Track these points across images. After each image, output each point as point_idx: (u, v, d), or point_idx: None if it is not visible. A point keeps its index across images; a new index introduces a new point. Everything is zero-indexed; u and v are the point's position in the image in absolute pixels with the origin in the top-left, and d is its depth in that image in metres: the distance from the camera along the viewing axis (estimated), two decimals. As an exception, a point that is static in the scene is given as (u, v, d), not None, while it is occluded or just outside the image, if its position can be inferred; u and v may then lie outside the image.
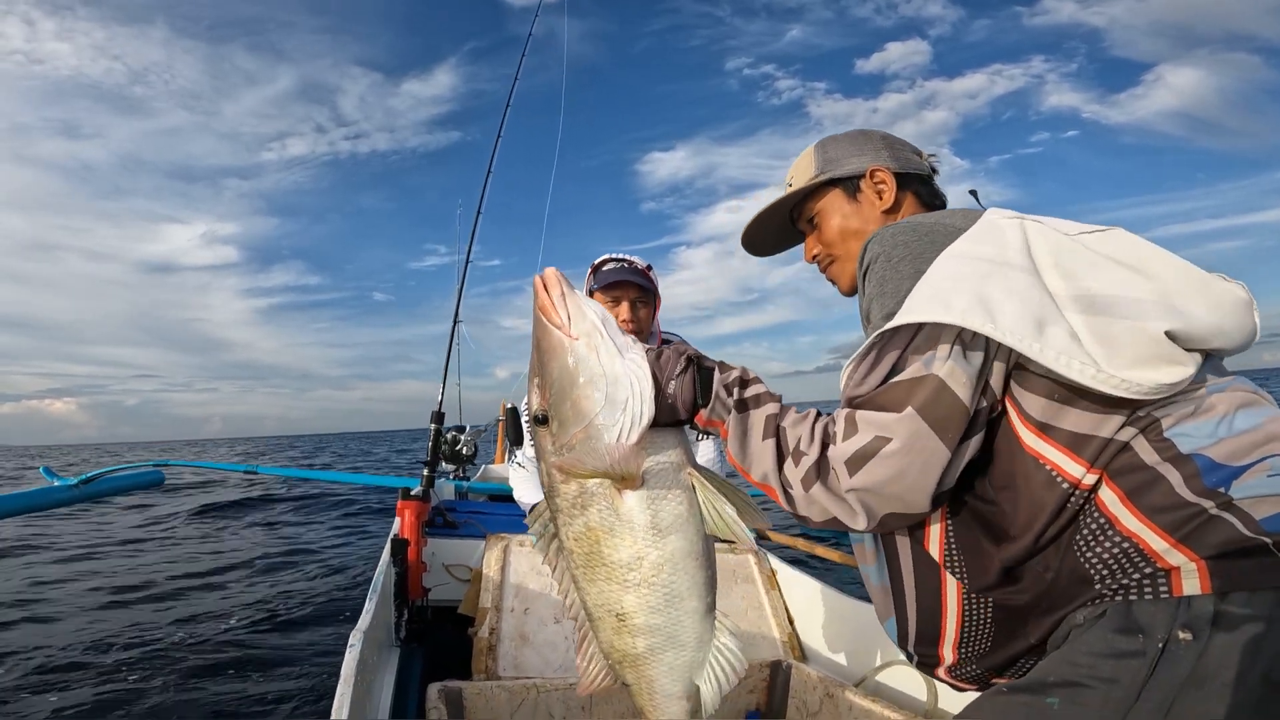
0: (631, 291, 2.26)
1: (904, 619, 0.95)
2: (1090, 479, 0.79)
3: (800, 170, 1.19)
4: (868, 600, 1.99)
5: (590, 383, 0.82)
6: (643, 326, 2.29)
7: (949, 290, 0.79)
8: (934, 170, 1.18)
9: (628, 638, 0.88)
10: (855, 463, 0.80)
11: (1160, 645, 0.71)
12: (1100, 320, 0.77)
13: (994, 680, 0.91)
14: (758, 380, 0.91)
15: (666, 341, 2.52)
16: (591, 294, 2.30)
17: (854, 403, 0.84)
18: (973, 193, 1.10)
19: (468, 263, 3.42)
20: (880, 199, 1.12)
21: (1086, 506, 0.80)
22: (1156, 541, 0.74)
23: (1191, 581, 0.72)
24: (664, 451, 0.86)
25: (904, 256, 0.88)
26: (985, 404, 0.82)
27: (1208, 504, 0.72)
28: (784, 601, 2.21)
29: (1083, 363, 0.74)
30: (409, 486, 2.49)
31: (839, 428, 0.83)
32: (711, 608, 0.90)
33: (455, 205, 3.31)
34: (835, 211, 1.15)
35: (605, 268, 2.30)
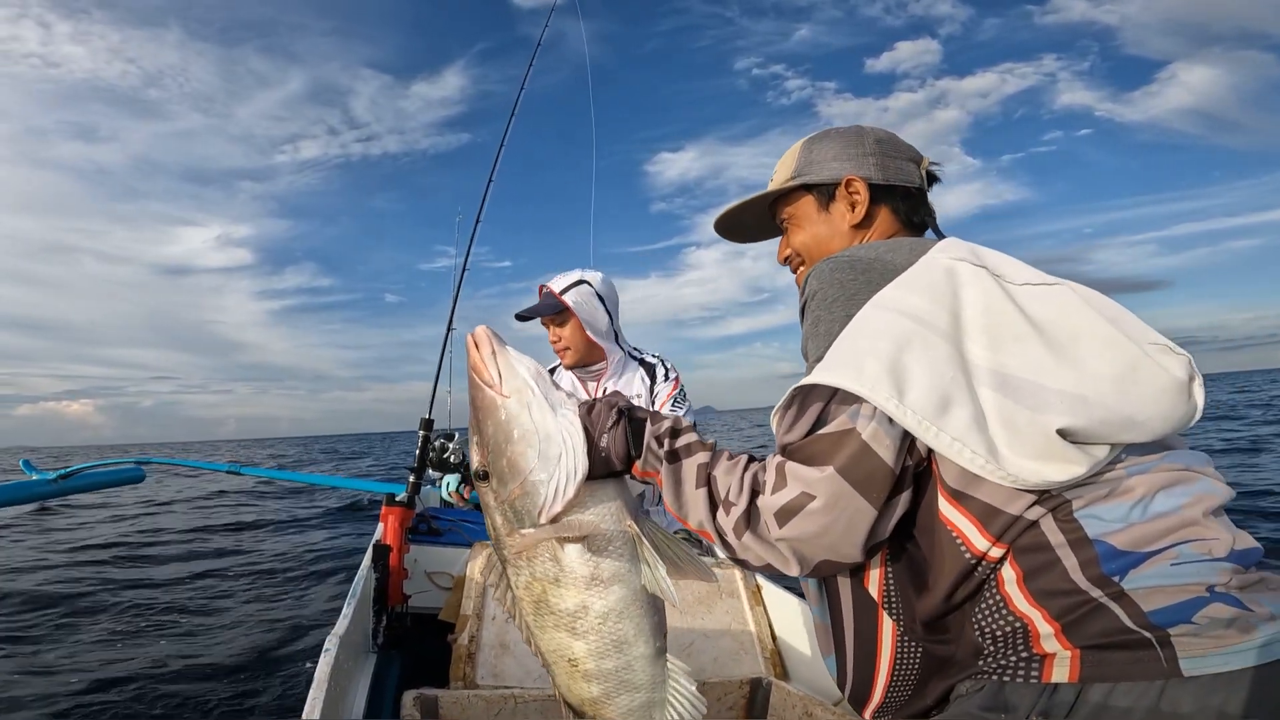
0: (546, 318, 2.44)
1: (843, 656, 0.95)
2: (996, 553, 0.78)
3: (783, 167, 1.14)
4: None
5: (523, 439, 0.83)
6: (576, 343, 2.42)
7: (865, 353, 0.78)
8: (934, 178, 1.12)
9: (581, 683, 0.90)
10: (782, 516, 0.79)
11: None
12: (1009, 404, 0.75)
13: None
14: (690, 429, 0.91)
15: (640, 359, 2.57)
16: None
17: (785, 451, 0.84)
18: (930, 219, 1.08)
19: (464, 270, 3.42)
20: (851, 211, 1.07)
21: (989, 580, 0.79)
22: (1042, 625, 0.74)
23: (1062, 669, 0.72)
24: (603, 503, 0.87)
25: (836, 297, 0.86)
26: (911, 462, 0.80)
27: (1097, 593, 0.72)
28: (768, 618, 2.19)
29: (974, 452, 0.73)
30: (394, 492, 2.47)
31: (769, 477, 0.82)
32: (662, 651, 0.91)
33: (462, 208, 3.29)
34: (806, 218, 1.12)
35: (524, 310, 2.47)
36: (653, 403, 2.47)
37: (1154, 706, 0.68)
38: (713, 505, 0.85)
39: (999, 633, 0.78)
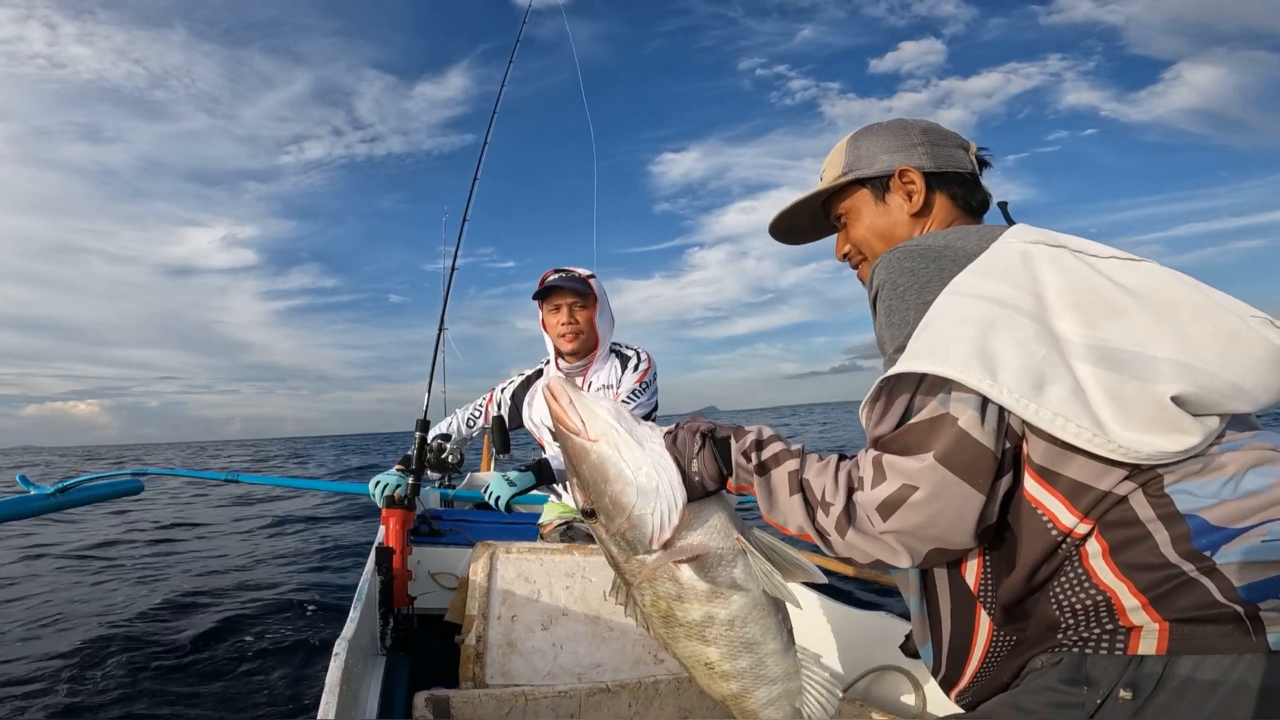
0: (568, 296, 2.47)
1: (939, 646, 0.95)
2: (1083, 529, 0.77)
3: (831, 165, 1.14)
4: (860, 606, 2.01)
5: (620, 478, 0.89)
6: (582, 328, 2.47)
7: (949, 338, 0.77)
8: (984, 163, 1.11)
9: (720, 682, 0.97)
10: (885, 509, 0.79)
11: (1100, 700, 0.73)
12: (1114, 377, 0.74)
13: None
14: (775, 438, 0.92)
15: (619, 351, 2.58)
16: (540, 305, 2.54)
17: (878, 444, 0.84)
18: (1002, 205, 1.05)
19: (454, 269, 3.39)
20: (909, 201, 1.07)
21: (1072, 555, 0.79)
22: (1128, 599, 0.74)
23: (1149, 641, 0.72)
24: (707, 523, 0.93)
25: (909, 286, 0.86)
26: (1010, 444, 0.80)
27: (1189, 567, 0.72)
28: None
29: (1079, 425, 0.72)
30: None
31: (866, 472, 0.82)
32: (790, 644, 0.98)
33: (463, 209, 3.23)
34: (863, 212, 1.11)
35: (548, 279, 2.53)
36: (618, 391, 2.53)
37: (1241, 680, 0.68)
38: (810, 509, 0.86)
39: (1079, 606, 0.77)
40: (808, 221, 1.22)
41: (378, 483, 2.47)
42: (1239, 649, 0.69)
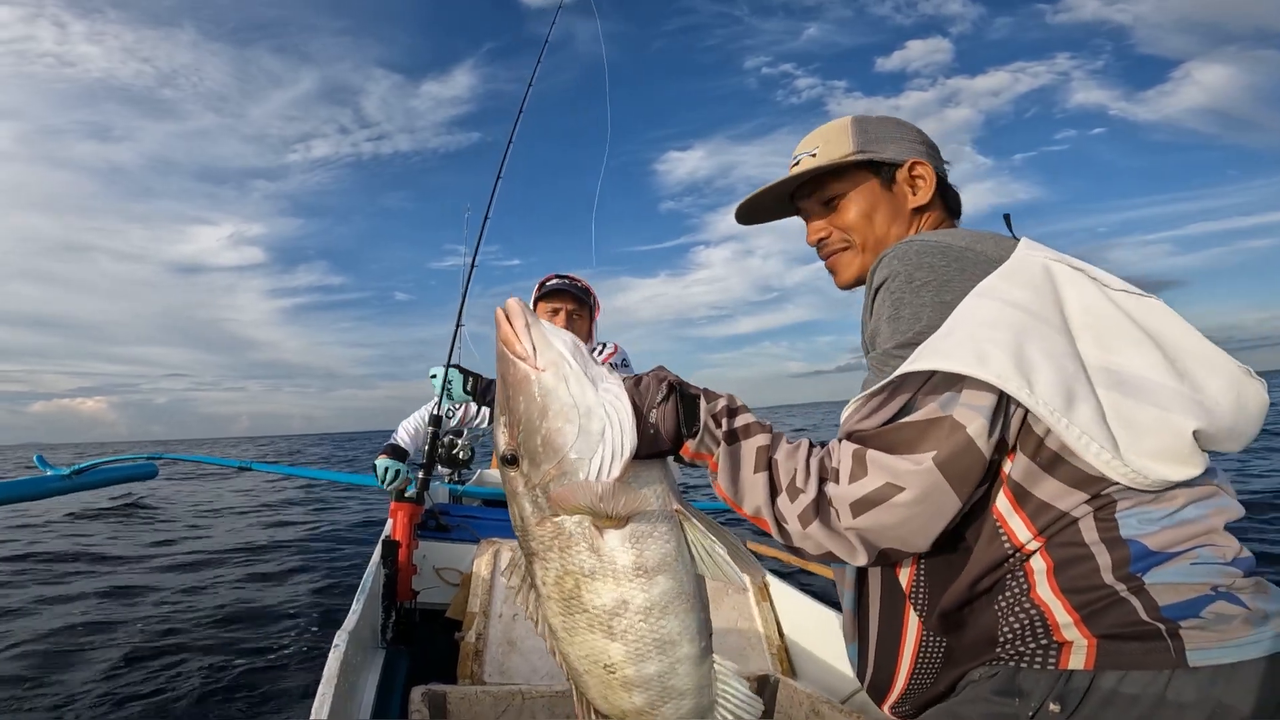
0: (569, 302, 2.53)
1: (865, 645, 0.94)
2: (1033, 546, 0.79)
3: (831, 142, 1.07)
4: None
5: (560, 414, 0.76)
6: (577, 332, 2.49)
7: (985, 341, 0.74)
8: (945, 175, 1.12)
9: (620, 692, 0.81)
10: (861, 506, 0.76)
11: (1031, 713, 0.75)
12: (1127, 402, 0.75)
13: None
14: (745, 409, 0.86)
15: (593, 347, 2.61)
16: (535, 305, 2.57)
17: (859, 438, 0.80)
18: (1006, 218, 1.01)
19: (473, 266, 3.39)
20: (914, 194, 1.05)
21: (1016, 571, 0.80)
22: (1062, 615, 0.76)
23: (1079, 657, 0.75)
24: (647, 485, 0.80)
25: (927, 281, 0.83)
26: (998, 457, 0.79)
27: (1120, 587, 0.75)
28: (775, 614, 2.19)
29: (1100, 446, 0.73)
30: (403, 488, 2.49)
31: (844, 466, 0.78)
32: (708, 651, 0.84)
33: (470, 203, 3.26)
34: (864, 196, 1.05)
35: (549, 282, 2.59)
36: None
37: (1160, 695, 0.71)
38: (773, 491, 0.81)
39: (1016, 621, 0.79)
40: (772, 200, 1.15)
41: (387, 469, 2.53)
42: (1159, 665, 0.72)
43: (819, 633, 2.06)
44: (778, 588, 2.27)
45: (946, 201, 1.09)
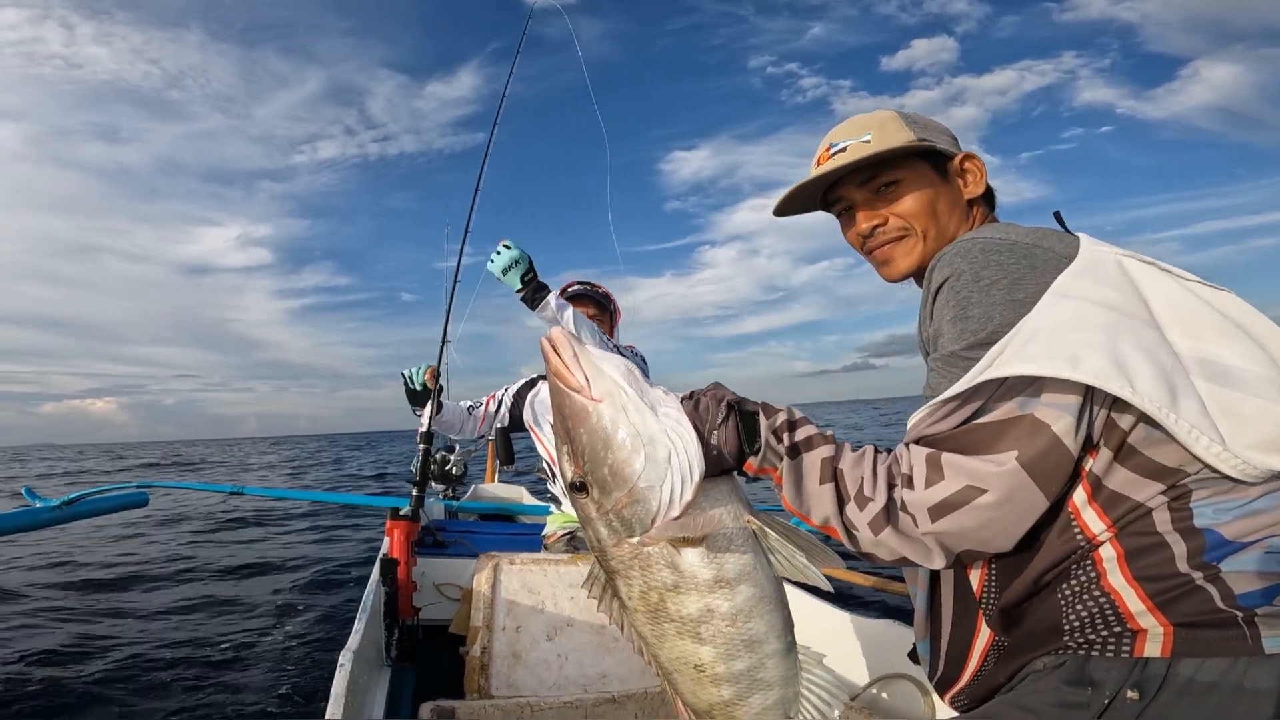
0: (589, 307, 2.59)
1: (937, 645, 0.94)
2: (1105, 536, 0.78)
3: (886, 129, 1.03)
4: (866, 614, 1.99)
5: (625, 444, 0.77)
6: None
7: (1076, 343, 0.73)
8: None
9: (710, 687, 0.85)
10: (940, 510, 0.75)
11: (1106, 701, 0.74)
12: (1225, 392, 0.74)
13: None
14: (806, 421, 0.86)
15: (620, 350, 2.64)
16: None
17: (932, 442, 0.79)
18: (1057, 214, 0.98)
19: (455, 282, 3.36)
20: (966, 186, 1.03)
21: (1085, 561, 0.79)
22: (1135, 603, 0.75)
23: (1155, 645, 0.74)
24: (719, 503, 0.82)
25: (997, 279, 0.80)
26: (1081, 454, 0.78)
27: (1197, 575, 0.74)
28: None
29: (1210, 439, 0.72)
30: (398, 506, 2.47)
31: (918, 471, 0.77)
32: (792, 645, 0.87)
33: (470, 208, 3.17)
34: (925, 184, 1.02)
35: (570, 288, 2.65)
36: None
37: (1238, 682, 0.71)
38: (840, 500, 0.80)
39: (1084, 609, 0.78)
40: (809, 192, 1.11)
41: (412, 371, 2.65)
42: (1235, 652, 0.72)
43: (826, 630, 2.07)
44: (786, 586, 2.27)
45: (990, 202, 1.07)
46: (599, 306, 2.64)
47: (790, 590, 2.24)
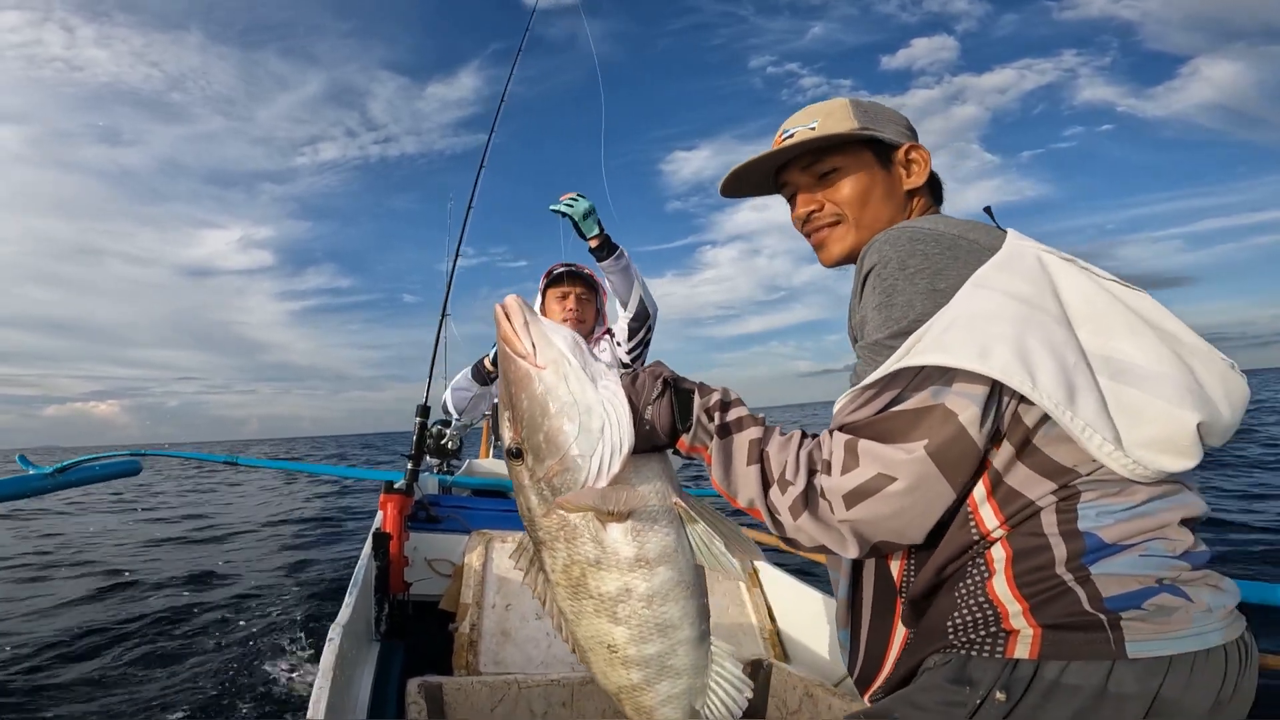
0: (577, 285, 2.58)
1: (857, 635, 0.95)
2: (998, 534, 0.79)
3: (832, 116, 1.06)
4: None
5: (562, 412, 0.78)
6: (586, 317, 2.60)
7: (988, 335, 0.74)
8: None
9: (620, 669, 0.85)
10: (853, 497, 0.76)
11: (979, 700, 0.76)
12: (1127, 390, 0.76)
13: None
14: (739, 402, 0.87)
15: (609, 328, 2.64)
16: (545, 293, 2.61)
17: (850, 429, 0.80)
18: (987, 210, 1.02)
19: (456, 257, 3.38)
20: (909, 176, 1.05)
21: (978, 559, 0.81)
22: (1012, 604, 0.77)
23: (1024, 646, 0.76)
24: (648, 480, 0.83)
25: (920, 269, 0.82)
26: (988, 446, 0.80)
27: (1069, 578, 0.75)
28: (766, 600, 2.21)
29: (1103, 438, 0.74)
30: (392, 480, 2.47)
31: (835, 457, 0.79)
32: (706, 635, 0.87)
33: (472, 202, 3.22)
34: (862, 172, 1.05)
35: (556, 270, 2.64)
36: (615, 345, 2.63)
37: (1101, 686, 0.72)
38: (765, 483, 0.81)
39: (971, 609, 0.80)
40: (759, 174, 1.14)
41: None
42: (1099, 655, 0.73)
43: (810, 617, 2.08)
44: (768, 573, 2.29)
45: (935, 191, 1.10)
46: (585, 284, 2.64)
47: (776, 572, 2.26)
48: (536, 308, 2.56)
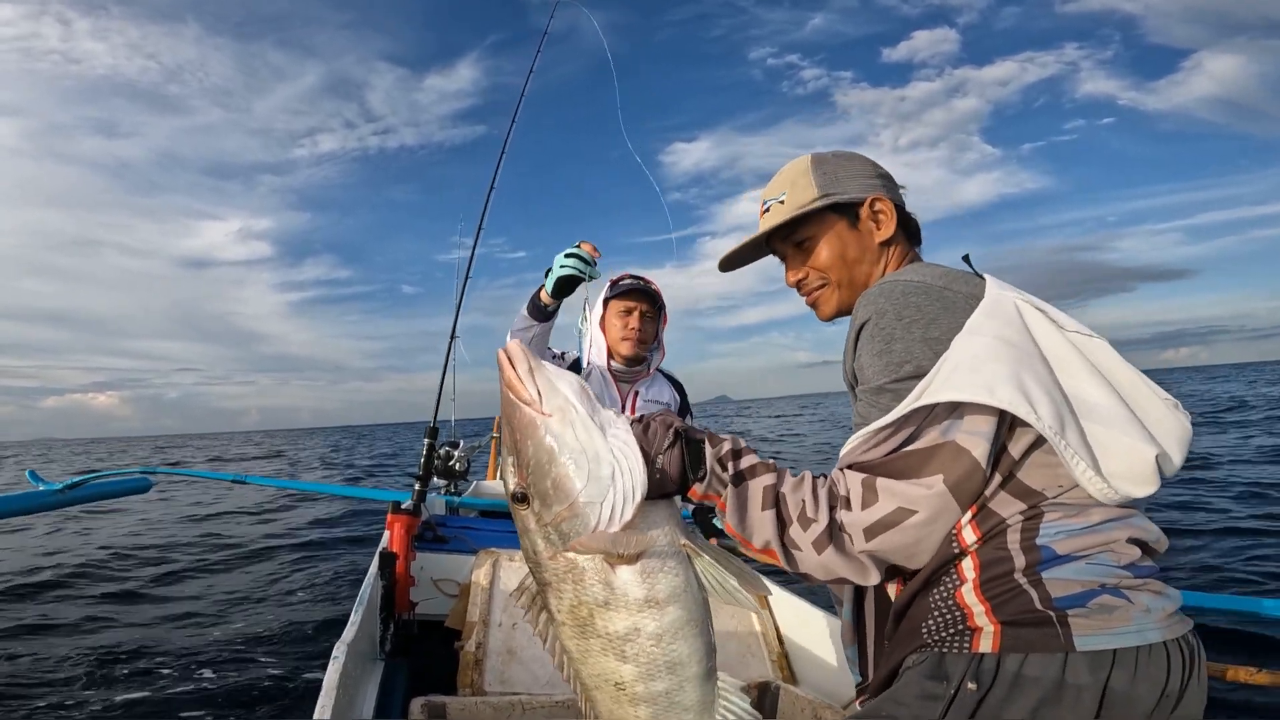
0: (643, 302, 2.44)
1: (864, 651, 1.03)
2: (974, 547, 0.88)
3: (796, 186, 1.14)
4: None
5: (571, 460, 0.80)
6: (647, 338, 2.46)
7: (989, 373, 0.83)
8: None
9: (628, 706, 0.86)
10: (874, 530, 0.84)
11: (953, 692, 0.85)
12: (1095, 427, 0.86)
13: None
14: (750, 450, 0.91)
15: (669, 374, 2.59)
16: (607, 303, 2.47)
17: (864, 467, 0.87)
18: (966, 258, 1.08)
19: (467, 279, 3.36)
20: (879, 229, 1.12)
21: (951, 567, 0.89)
22: (977, 606, 0.86)
23: (987, 641, 0.85)
24: (656, 525, 0.84)
25: (914, 319, 0.91)
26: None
27: (1024, 582, 0.85)
28: (774, 621, 2.19)
29: (1086, 464, 0.84)
30: (399, 500, 2.47)
31: (854, 494, 0.85)
32: (713, 672, 0.88)
33: (479, 199, 3.16)
34: (833, 236, 1.13)
35: (623, 281, 2.49)
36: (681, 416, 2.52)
37: (1059, 677, 0.81)
38: (782, 524, 0.87)
39: (943, 612, 0.88)
40: (749, 248, 1.23)
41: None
42: (1052, 648, 0.82)
43: (818, 638, 2.06)
44: (777, 594, 2.26)
45: (907, 229, 1.16)
46: (651, 302, 2.46)
47: (783, 593, 2.24)
48: (595, 316, 2.50)
